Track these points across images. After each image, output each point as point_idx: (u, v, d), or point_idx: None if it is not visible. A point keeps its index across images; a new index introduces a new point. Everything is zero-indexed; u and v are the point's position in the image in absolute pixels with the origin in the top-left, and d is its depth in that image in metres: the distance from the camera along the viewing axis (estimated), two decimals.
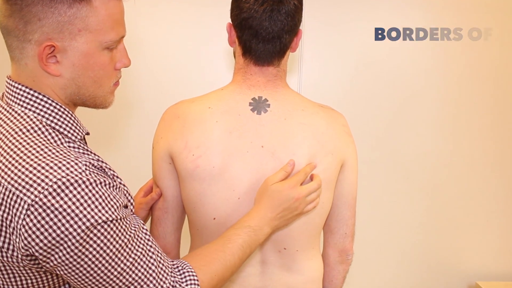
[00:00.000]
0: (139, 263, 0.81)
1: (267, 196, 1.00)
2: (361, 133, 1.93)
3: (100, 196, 0.76)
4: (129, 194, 0.87)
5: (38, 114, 0.82)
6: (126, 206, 0.83)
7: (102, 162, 0.83)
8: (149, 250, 0.83)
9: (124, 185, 0.86)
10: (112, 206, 0.77)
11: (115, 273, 0.78)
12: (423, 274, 2.18)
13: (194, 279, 0.86)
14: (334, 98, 2.02)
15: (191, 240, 1.16)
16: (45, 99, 0.83)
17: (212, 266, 0.89)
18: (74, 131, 0.85)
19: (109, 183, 0.79)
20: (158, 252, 0.86)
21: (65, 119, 0.84)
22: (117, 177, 0.85)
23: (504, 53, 2.03)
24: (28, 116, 0.81)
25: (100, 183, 0.77)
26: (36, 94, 0.82)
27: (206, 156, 1.02)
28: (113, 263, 0.78)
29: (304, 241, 1.11)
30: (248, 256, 0.98)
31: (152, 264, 0.83)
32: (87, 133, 0.90)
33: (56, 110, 0.83)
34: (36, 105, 0.82)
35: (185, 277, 0.86)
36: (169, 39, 2.00)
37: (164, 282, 0.83)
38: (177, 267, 0.88)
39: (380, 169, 2.10)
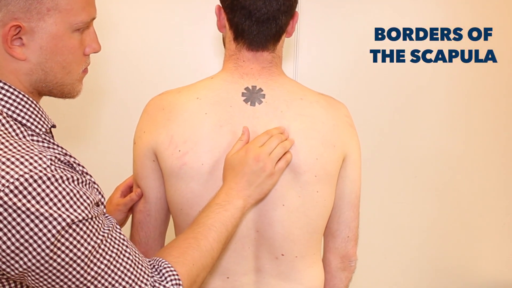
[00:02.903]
0: (115, 265, 0.78)
1: (227, 169, 0.97)
2: (364, 127, 1.87)
3: (68, 193, 0.72)
4: (100, 193, 0.84)
5: None
6: (97, 205, 0.80)
7: (70, 156, 0.80)
8: (125, 251, 0.80)
9: (94, 183, 0.83)
10: (82, 203, 0.74)
11: (89, 277, 0.74)
12: (432, 282, 2.14)
13: (173, 275, 0.83)
14: (333, 88, 1.94)
15: None
16: (6, 87, 0.79)
17: (187, 256, 0.86)
18: (39, 123, 0.82)
19: (78, 179, 0.76)
20: (135, 252, 0.83)
21: (28, 109, 0.81)
22: (87, 173, 0.81)
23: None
24: None
25: (67, 179, 0.73)
26: None
27: (193, 152, 0.98)
28: (85, 267, 0.74)
29: (304, 246, 1.05)
30: (228, 237, 0.94)
31: (130, 265, 0.80)
32: (54, 126, 0.86)
33: (18, 100, 0.79)
34: None
35: (163, 274, 0.83)
36: (148, 20, 1.91)
37: (145, 284, 0.80)
38: (153, 266, 0.85)
39: (385, 166, 2.06)
